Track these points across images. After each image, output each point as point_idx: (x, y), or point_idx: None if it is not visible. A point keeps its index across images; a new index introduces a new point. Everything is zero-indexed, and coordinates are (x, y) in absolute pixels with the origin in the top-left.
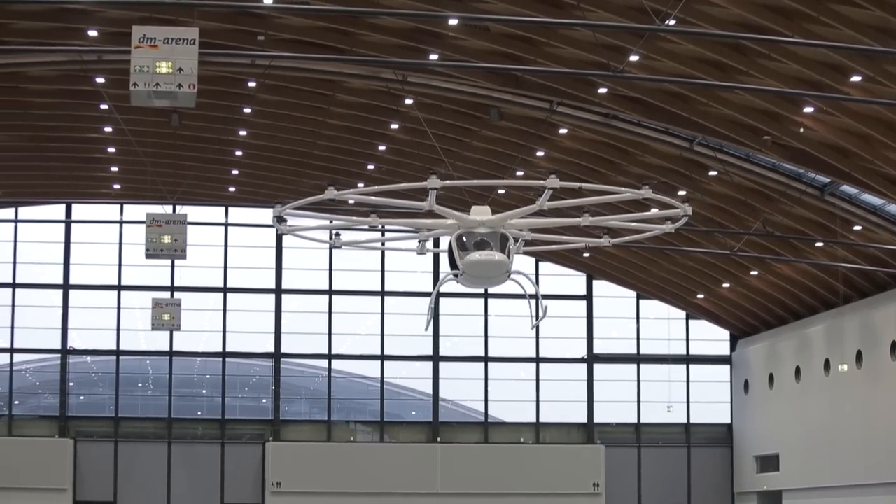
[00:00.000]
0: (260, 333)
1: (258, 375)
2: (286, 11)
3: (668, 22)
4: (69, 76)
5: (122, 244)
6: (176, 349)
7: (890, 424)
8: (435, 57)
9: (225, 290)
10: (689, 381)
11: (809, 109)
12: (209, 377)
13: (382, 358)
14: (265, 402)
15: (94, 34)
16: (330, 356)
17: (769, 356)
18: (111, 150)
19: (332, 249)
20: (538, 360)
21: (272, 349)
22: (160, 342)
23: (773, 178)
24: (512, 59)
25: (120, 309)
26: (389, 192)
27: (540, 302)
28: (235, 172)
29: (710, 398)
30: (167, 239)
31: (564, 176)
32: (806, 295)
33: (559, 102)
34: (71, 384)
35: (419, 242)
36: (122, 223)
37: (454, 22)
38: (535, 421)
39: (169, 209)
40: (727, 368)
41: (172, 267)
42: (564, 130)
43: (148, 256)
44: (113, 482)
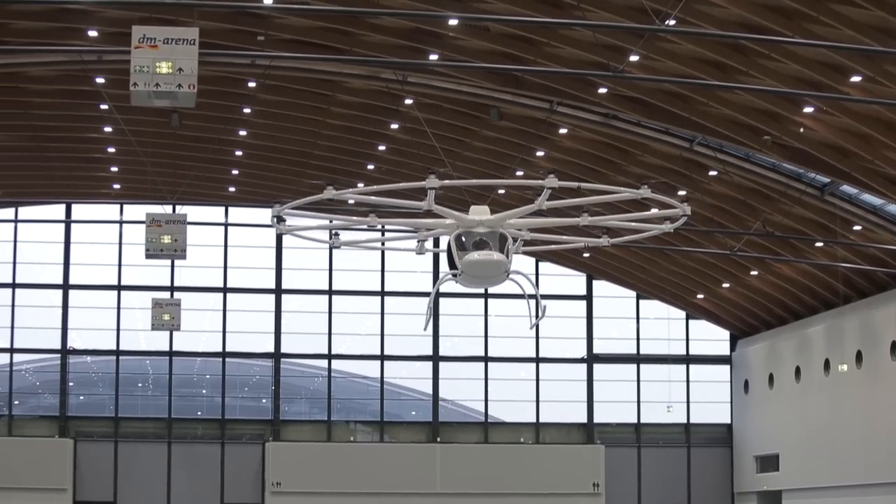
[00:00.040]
0: (260, 333)
1: (258, 375)
2: (286, 11)
3: (668, 22)
4: (69, 76)
5: (121, 244)
6: (176, 349)
7: (890, 424)
8: (435, 57)
9: (225, 290)
10: (689, 381)
11: (809, 109)
12: (209, 377)
13: (382, 358)
14: (265, 402)
15: (94, 34)
16: (330, 356)
17: (769, 356)
18: (111, 150)
19: (331, 249)
20: (538, 360)
21: (272, 349)
22: (160, 342)
23: (773, 178)
24: (512, 59)
25: (120, 309)
26: (387, 191)
27: (539, 301)
28: (235, 172)
29: (709, 398)
30: (167, 239)
31: (564, 176)
32: (806, 295)
33: (559, 102)
34: (71, 384)
35: (418, 242)
36: (121, 223)
37: (454, 22)
38: (535, 421)
39: (169, 209)
40: (727, 368)
41: (172, 267)
42: (564, 130)
43: (148, 256)
44: (113, 482)
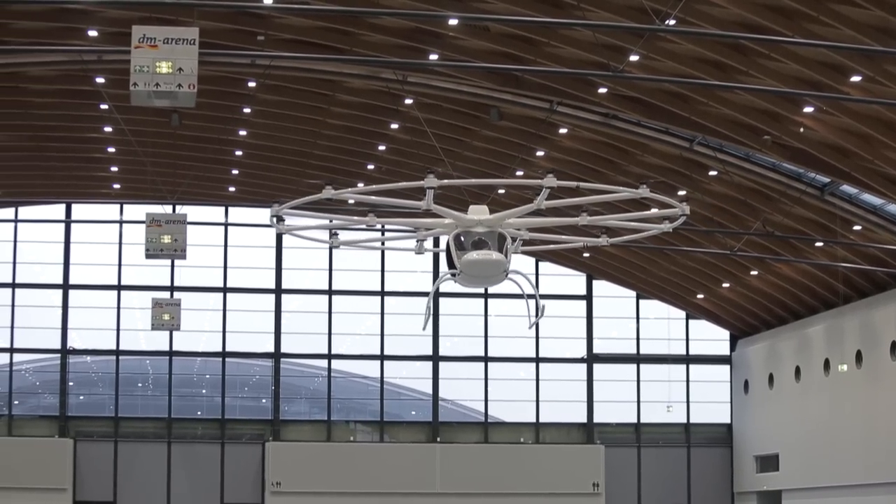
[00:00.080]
0: (260, 333)
1: (258, 375)
2: (286, 11)
3: (668, 22)
4: (69, 76)
5: (121, 244)
6: (176, 349)
7: (890, 424)
8: (435, 57)
9: (225, 289)
10: (688, 381)
11: (809, 109)
12: (209, 377)
13: (382, 358)
14: (265, 402)
15: (94, 34)
16: (330, 356)
17: (769, 356)
18: (111, 150)
19: (331, 249)
20: (538, 359)
21: (272, 349)
22: (160, 342)
23: (773, 178)
24: (512, 59)
25: (120, 309)
26: (386, 191)
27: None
28: (235, 172)
29: (709, 398)
30: (167, 239)
31: (564, 176)
32: (806, 295)
33: (559, 102)
34: (71, 384)
35: (417, 242)
36: (121, 223)
37: (454, 22)
38: (534, 421)
39: (169, 209)
40: (727, 368)
41: (172, 267)
42: (564, 130)
43: (148, 256)
44: (113, 482)
